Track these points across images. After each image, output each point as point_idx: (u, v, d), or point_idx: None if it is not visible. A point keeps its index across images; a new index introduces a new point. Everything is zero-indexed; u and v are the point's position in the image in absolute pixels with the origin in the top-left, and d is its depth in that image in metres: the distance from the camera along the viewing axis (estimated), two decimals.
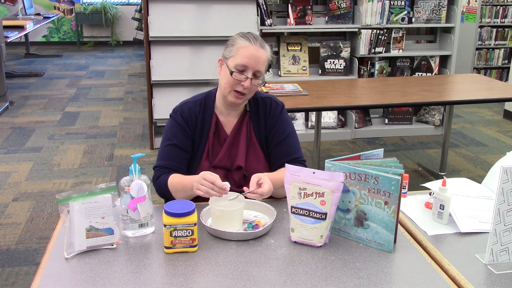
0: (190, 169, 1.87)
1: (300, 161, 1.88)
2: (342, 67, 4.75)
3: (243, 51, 1.76)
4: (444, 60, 4.97)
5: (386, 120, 5.06)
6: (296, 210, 1.49)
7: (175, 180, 1.76)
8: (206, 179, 1.58)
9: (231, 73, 1.76)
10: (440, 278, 1.33)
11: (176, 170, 1.82)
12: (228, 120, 1.89)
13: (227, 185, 1.58)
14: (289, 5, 4.53)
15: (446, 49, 4.92)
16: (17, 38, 6.73)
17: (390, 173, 1.42)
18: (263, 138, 1.89)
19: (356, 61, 4.71)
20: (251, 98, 1.89)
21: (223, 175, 1.84)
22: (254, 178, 1.65)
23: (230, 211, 1.57)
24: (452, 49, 4.86)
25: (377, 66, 4.83)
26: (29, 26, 7.16)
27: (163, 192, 1.80)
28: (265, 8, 4.41)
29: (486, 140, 4.92)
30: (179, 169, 1.83)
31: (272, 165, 1.88)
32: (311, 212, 1.46)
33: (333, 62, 4.75)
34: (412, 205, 1.74)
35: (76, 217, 1.42)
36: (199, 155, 1.86)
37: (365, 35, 4.65)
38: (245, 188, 1.64)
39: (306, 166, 1.87)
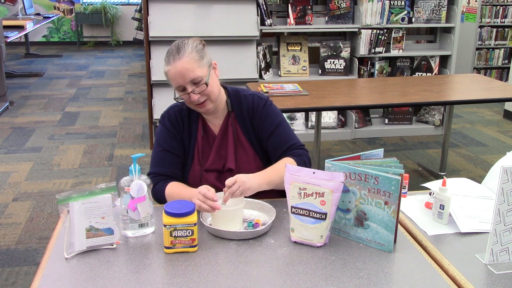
0: (183, 174, 1.86)
1: (297, 147, 1.84)
2: (342, 67, 4.75)
3: (169, 75, 1.73)
4: (444, 60, 4.97)
5: (386, 120, 5.06)
6: (296, 210, 1.49)
7: (173, 191, 1.75)
8: (200, 192, 1.56)
9: (176, 98, 1.77)
10: (440, 278, 1.33)
11: (172, 176, 1.81)
12: (214, 123, 1.87)
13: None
14: (289, 5, 4.53)
15: (446, 49, 4.92)
16: (17, 38, 6.73)
17: (390, 173, 1.42)
18: (252, 136, 1.87)
19: (356, 61, 4.71)
20: (233, 98, 1.87)
21: (216, 178, 1.84)
22: (227, 182, 1.61)
23: (230, 210, 1.57)
24: (452, 49, 4.86)
25: (377, 66, 4.83)
26: (29, 26, 7.16)
27: (159, 199, 1.79)
28: (265, 8, 4.41)
29: (486, 140, 4.92)
30: (174, 175, 1.83)
31: (272, 159, 1.86)
32: (311, 212, 1.46)
33: (333, 62, 4.75)
34: (412, 205, 1.74)
35: (76, 217, 1.42)
36: (190, 158, 1.86)
37: (365, 35, 4.65)
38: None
39: (306, 150, 1.85)
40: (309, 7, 4.57)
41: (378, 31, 4.65)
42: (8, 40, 6.24)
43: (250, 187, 1.62)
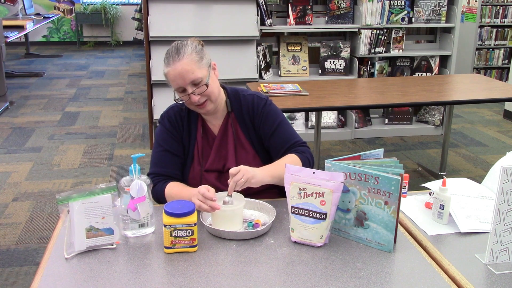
0: (183, 174, 1.86)
1: (299, 144, 1.84)
2: (342, 67, 4.75)
3: (169, 77, 1.73)
4: (444, 60, 4.97)
5: (386, 120, 5.06)
6: (296, 210, 1.49)
7: (173, 191, 1.75)
8: (200, 192, 1.56)
9: (176, 99, 1.77)
10: (440, 278, 1.33)
11: (171, 177, 1.81)
12: (214, 123, 1.87)
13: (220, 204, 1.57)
14: (289, 5, 4.53)
15: (446, 49, 4.92)
16: (17, 38, 6.73)
17: (390, 173, 1.42)
18: (253, 136, 1.87)
19: (356, 61, 4.71)
20: (233, 98, 1.86)
21: (216, 178, 1.84)
22: (231, 170, 1.60)
23: (230, 210, 1.57)
24: (452, 49, 4.86)
25: (377, 66, 4.83)
26: (29, 26, 7.16)
27: (159, 199, 1.79)
28: (265, 8, 4.41)
29: (486, 140, 4.92)
30: (174, 175, 1.83)
31: (274, 158, 1.86)
32: (311, 212, 1.46)
33: (333, 62, 4.75)
34: (412, 205, 1.74)
35: (76, 217, 1.42)
36: (190, 159, 1.86)
37: (365, 35, 4.65)
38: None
39: (308, 148, 1.85)
40: (309, 7, 4.57)
41: (378, 31, 4.65)
42: (8, 40, 6.24)
43: (254, 176, 1.61)
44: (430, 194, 1.75)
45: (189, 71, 1.70)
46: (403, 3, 4.72)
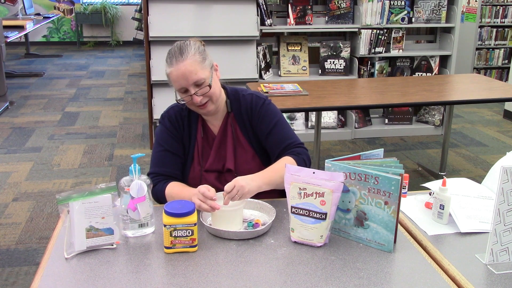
0: (183, 174, 1.86)
1: (296, 145, 1.83)
2: (342, 67, 4.75)
3: (171, 77, 1.72)
4: (444, 60, 4.97)
5: (386, 120, 5.06)
6: (296, 210, 1.49)
7: (173, 191, 1.74)
8: (200, 192, 1.56)
9: (178, 100, 1.76)
10: (440, 278, 1.33)
11: (172, 176, 1.81)
12: (214, 124, 1.87)
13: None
14: (289, 5, 4.53)
15: (446, 49, 4.92)
16: (17, 38, 6.73)
17: (390, 173, 1.42)
18: (251, 135, 1.86)
19: (356, 61, 4.71)
20: (233, 98, 1.86)
21: (215, 178, 1.84)
22: (226, 187, 1.59)
23: (230, 210, 1.57)
24: (452, 49, 4.86)
25: (377, 66, 4.83)
26: (29, 26, 7.16)
27: (159, 199, 1.79)
28: (265, 8, 4.41)
29: (486, 140, 4.92)
30: (174, 175, 1.82)
31: (271, 157, 1.86)
32: (311, 212, 1.46)
33: (333, 62, 4.75)
34: (412, 205, 1.74)
35: (76, 217, 1.42)
36: (190, 159, 1.86)
37: (365, 35, 4.65)
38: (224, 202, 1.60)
39: (305, 149, 1.84)
40: (309, 7, 4.57)
41: (378, 31, 4.65)
42: (8, 40, 6.24)
43: (249, 191, 1.61)
44: (430, 194, 1.75)
45: (193, 72, 1.69)
46: (403, 3, 4.72)
